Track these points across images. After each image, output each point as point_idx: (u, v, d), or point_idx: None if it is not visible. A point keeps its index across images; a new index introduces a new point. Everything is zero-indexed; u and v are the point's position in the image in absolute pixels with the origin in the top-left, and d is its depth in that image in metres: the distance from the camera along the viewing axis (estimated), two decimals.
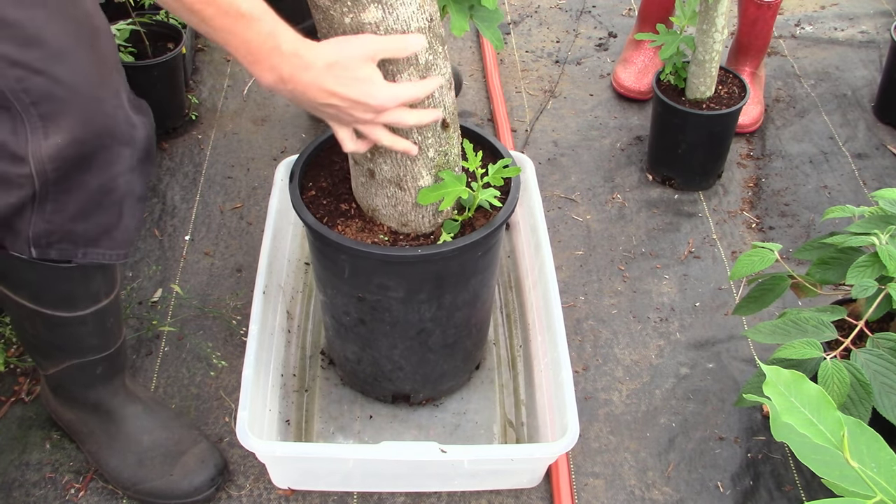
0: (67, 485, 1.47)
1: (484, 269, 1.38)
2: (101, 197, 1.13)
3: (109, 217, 1.16)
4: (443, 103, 1.21)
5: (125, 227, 1.19)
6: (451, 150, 1.28)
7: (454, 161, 1.30)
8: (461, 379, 1.59)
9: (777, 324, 1.33)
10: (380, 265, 1.28)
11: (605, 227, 1.98)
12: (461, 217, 1.34)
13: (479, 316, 1.49)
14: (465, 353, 1.52)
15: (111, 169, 1.12)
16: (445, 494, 1.46)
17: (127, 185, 1.16)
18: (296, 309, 1.72)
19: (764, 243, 1.44)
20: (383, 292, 1.32)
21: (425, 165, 1.25)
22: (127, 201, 1.17)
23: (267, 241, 1.60)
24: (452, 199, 1.25)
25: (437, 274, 1.31)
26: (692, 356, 1.70)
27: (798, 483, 1.49)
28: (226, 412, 1.58)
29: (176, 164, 2.12)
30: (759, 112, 2.25)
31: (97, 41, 1.07)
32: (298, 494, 1.46)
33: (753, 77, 2.28)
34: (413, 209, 1.29)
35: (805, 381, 0.84)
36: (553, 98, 2.38)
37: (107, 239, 1.18)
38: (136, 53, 1.97)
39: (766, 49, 2.27)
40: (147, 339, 1.71)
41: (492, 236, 1.30)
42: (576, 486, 1.48)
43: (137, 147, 1.15)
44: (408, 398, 1.56)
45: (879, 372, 1.22)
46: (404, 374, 1.49)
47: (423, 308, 1.35)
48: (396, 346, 1.42)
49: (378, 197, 1.30)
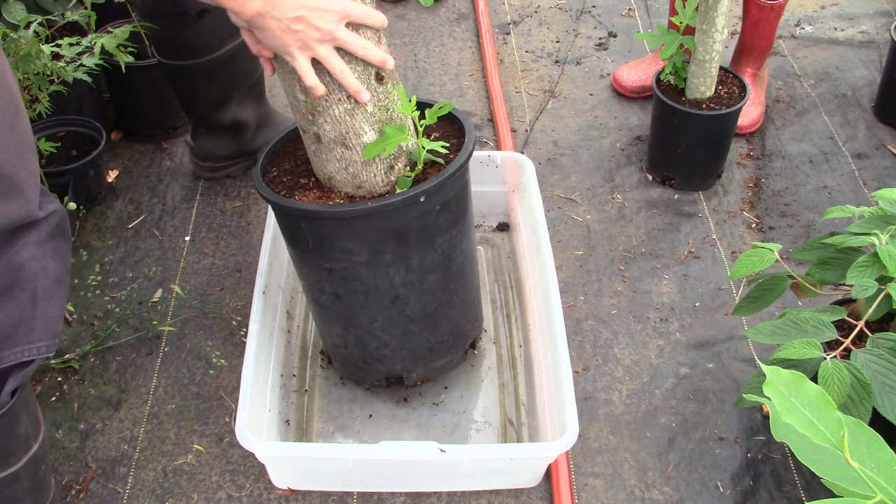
0: (68, 486, 1.47)
1: (449, 227, 1.37)
2: (5, 283, 1.02)
3: (21, 306, 1.04)
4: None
5: (44, 315, 1.06)
6: (392, 104, 1.30)
7: (398, 119, 1.32)
8: (454, 356, 1.56)
9: (777, 324, 1.33)
10: (337, 225, 1.29)
11: (605, 227, 1.98)
12: (413, 173, 1.35)
13: (458, 282, 1.46)
14: (450, 326, 1.50)
15: (14, 250, 1.01)
16: (445, 494, 1.46)
17: (37, 266, 1.04)
18: (296, 309, 1.72)
19: (764, 243, 1.44)
20: (348, 257, 1.33)
21: (366, 121, 1.27)
22: (40, 284, 1.05)
23: (267, 241, 1.60)
24: (393, 146, 1.27)
25: (397, 231, 1.31)
26: (692, 356, 1.70)
27: (798, 483, 1.49)
28: (226, 412, 1.58)
29: (176, 164, 2.12)
30: (760, 113, 2.25)
31: (17, 121, 1.00)
32: (298, 494, 1.46)
33: (755, 78, 2.28)
34: (364, 169, 1.31)
35: (805, 381, 0.84)
36: (553, 98, 2.38)
37: (24, 332, 1.05)
38: (136, 53, 1.98)
39: (768, 51, 2.26)
40: (147, 339, 1.71)
41: (444, 185, 1.30)
42: (576, 486, 1.48)
43: (48, 222, 1.05)
44: (402, 380, 1.53)
45: (879, 372, 1.22)
46: (391, 352, 1.48)
47: (391, 271, 1.35)
48: (375, 318, 1.42)
49: (329, 162, 1.32)
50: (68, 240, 1.10)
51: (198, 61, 1.82)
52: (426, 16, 2.74)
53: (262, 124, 2.04)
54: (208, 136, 2.01)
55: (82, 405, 1.60)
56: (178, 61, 1.84)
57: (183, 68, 1.85)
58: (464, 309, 1.52)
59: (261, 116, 2.03)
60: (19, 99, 1.02)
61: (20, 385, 1.10)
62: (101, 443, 1.54)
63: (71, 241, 1.13)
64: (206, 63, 1.82)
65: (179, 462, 1.51)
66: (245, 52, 1.88)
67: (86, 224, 1.97)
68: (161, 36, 1.80)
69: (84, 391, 1.62)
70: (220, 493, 1.46)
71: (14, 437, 1.12)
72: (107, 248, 1.91)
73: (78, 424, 1.57)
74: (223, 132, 2.00)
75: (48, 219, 1.06)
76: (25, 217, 1.02)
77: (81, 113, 2.05)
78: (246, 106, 1.98)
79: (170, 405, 1.60)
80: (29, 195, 1.02)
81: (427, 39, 2.63)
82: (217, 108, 1.93)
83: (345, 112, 1.25)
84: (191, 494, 1.46)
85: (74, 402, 1.60)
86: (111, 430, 1.56)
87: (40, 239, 1.05)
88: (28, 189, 1.01)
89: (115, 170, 2.11)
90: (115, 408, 1.60)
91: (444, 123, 1.44)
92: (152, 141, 2.20)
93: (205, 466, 1.50)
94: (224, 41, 1.81)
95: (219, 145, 2.02)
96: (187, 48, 1.79)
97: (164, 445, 1.54)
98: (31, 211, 1.02)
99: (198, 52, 1.80)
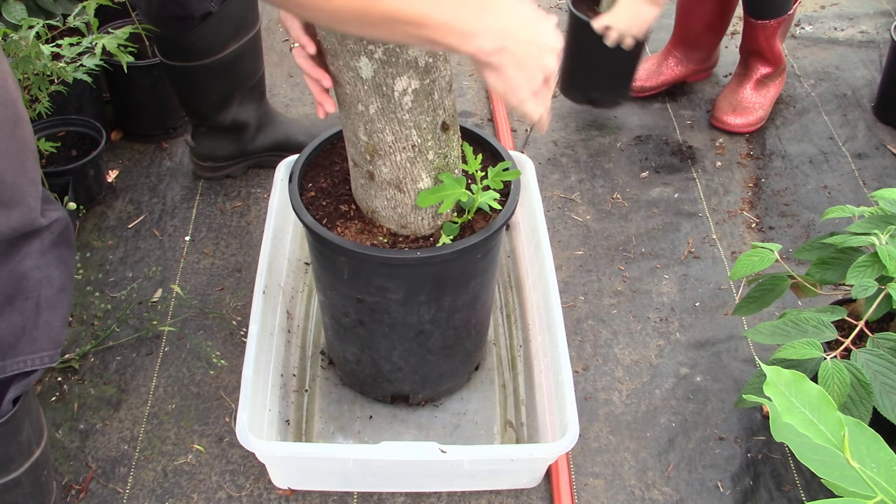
0: (68, 486, 1.47)
1: (483, 272, 1.38)
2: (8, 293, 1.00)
3: (23, 315, 1.03)
4: (442, 105, 1.21)
5: (46, 324, 1.04)
6: (451, 152, 1.28)
7: (454, 163, 1.30)
8: (460, 380, 1.59)
9: (777, 324, 1.33)
10: (379, 267, 1.28)
11: (605, 227, 1.98)
12: (461, 219, 1.34)
13: (478, 317, 1.49)
14: (464, 354, 1.52)
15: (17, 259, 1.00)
16: (445, 494, 1.46)
17: (40, 276, 1.03)
18: (296, 309, 1.72)
19: (764, 243, 1.44)
20: (382, 294, 1.32)
21: (424, 168, 1.25)
22: (44, 294, 1.04)
23: (267, 241, 1.60)
24: (451, 202, 1.25)
25: (437, 276, 1.31)
26: (692, 356, 1.70)
27: (798, 483, 1.49)
28: (226, 412, 1.58)
29: (176, 164, 2.12)
30: (758, 118, 2.25)
31: (18, 128, 0.99)
32: (298, 494, 1.46)
33: (758, 83, 2.27)
34: (412, 211, 1.29)
35: (806, 382, 0.84)
36: (553, 98, 2.38)
37: (27, 341, 1.03)
38: (136, 53, 1.98)
39: (771, 62, 2.24)
40: (147, 339, 1.71)
41: (491, 239, 1.29)
42: (576, 486, 1.48)
43: (51, 230, 1.04)
44: (407, 399, 1.56)
45: (880, 372, 1.22)
46: (403, 375, 1.49)
47: (423, 310, 1.35)
48: (395, 347, 1.42)
49: (377, 199, 1.29)
50: (72, 248, 1.09)
51: (200, 63, 1.82)
52: None
53: (263, 125, 2.04)
54: (209, 136, 2.01)
55: (82, 405, 1.60)
56: (180, 62, 1.84)
57: (185, 69, 1.85)
58: (479, 339, 1.55)
59: (261, 117, 2.03)
60: (21, 105, 1.00)
61: (22, 393, 1.09)
62: (101, 443, 1.54)
63: (75, 249, 1.12)
64: (209, 65, 1.82)
65: (179, 462, 1.51)
66: (247, 54, 1.88)
67: (86, 224, 1.97)
68: (164, 38, 1.80)
69: (84, 391, 1.62)
70: (220, 493, 1.46)
71: (16, 443, 1.12)
72: (107, 248, 1.91)
73: (78, 424, 1.57)
74: (224, 132, 2.00)
75: (51, 227, 1.04)
76: (28, 226, 1.00)
77: (81, 113, 2.05)
78: (247, 107, 1.98)
79: (170, 405, 1.60)
80: (31, 203, 1.00)
81: None
82: (218, 109, 1.93)
83: (406, 159, 1.22)
84: (191, 494, 1.46)
85: (74, 402, 1.60)
86: (111, 430, 1.56)
87: (43, 248, 1.03)
88: (30, 197, 1.00)
89: (115, 170, 2.11)
90: (115, 408, 1.60)
91: (485, 154, 1.42)
92: (152, 141, 2.20)
93: (205, 466, 1.50)
94: (227, 44, 1.81)
95: (219, 145, 2.02)
96: (190, 50, 1.80)
97: (164, 445, 1.54)
98: (34, 219, 1.01)
99: (201, 54, 1.80)
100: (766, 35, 2.15)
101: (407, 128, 1.19)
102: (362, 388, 1.57)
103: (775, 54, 2.21)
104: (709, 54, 2.37)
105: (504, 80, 0.96)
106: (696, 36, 2.30)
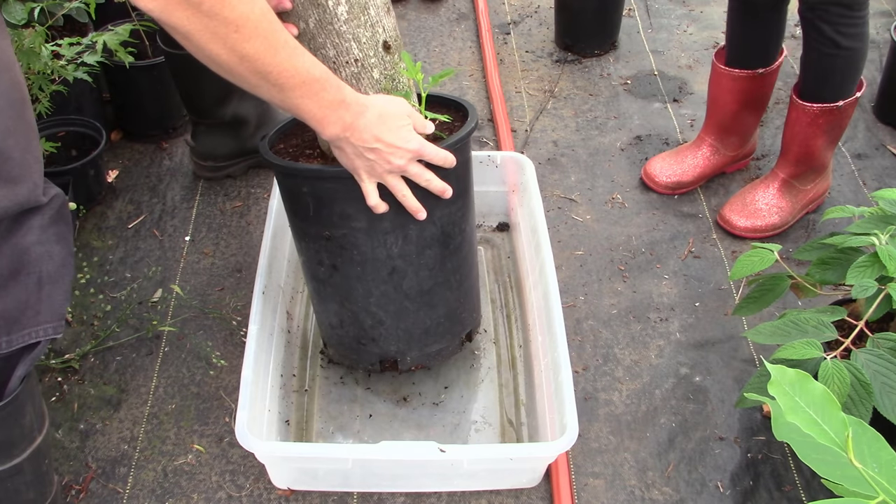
0: (68, 486, 1.46)
1: (448, 203, 1.36)
2: (12, 268, 1.04)
3: (27, 290, 1.06)
4: (381, 24, 1.26)
5: (49, 298, 1.08)
6: (399, 77, 1.32)
7: (403, 87, 1.33)
8: (449, 343, 1.54)
9: (777, 324, 1.33)
10: (338, 188, 1.30)
11: (605, 227, 1.98)
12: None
13: (455, 262, 1.45)
14: (447, 309, 1.49)
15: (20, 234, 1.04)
16: (445, 494, 1.46)
17: (42, 250, 1.06)
18: (295, 309, 1.72)
19: (764, 243, 1.45)
20: (346, 223, 1.33)
21: (371, 86, 1.28)
22: (45, 268, 1.07)
23: (267, 241, 1.60)
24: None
25: (396, 199, 1.32)
26: (692, 356, 1.70)
27: (798, 483, 1.49)
28: (226, 412, 1.58)
29: (176, 164, 2.12)
30: (769, 224, 1.93)
31: (25, 110, 1.03)
32: (298, 494, 1.46)
33: (784, 184, 1.94)
34: None
35: (810, 381, 0.84)
36: (553, 98, 2.38)
37: (31, 314, 1.06)
38: (136, 53, 1.97)
39: (811, 164, 1.89)
40: (147, 339, 1.71)
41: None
42: (576, 486, 1.48)
43: (51, 207, 1.07)
44: (396, 364, 1.52)
45: (880, 372, 1.22)
46: (385, 331, 1.47)
47: (389, 240, 1.35)
48: (372, 292, 1.42)
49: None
50: (69, 224, 1.12)
51: None
52: (426, 16, 2.74)
53: (262, 122, 2.04)
54: (208, 134, 2.01)
55: (82, 405, 1.60)
56: (182, 50, 1.84)
57: (186, 58, 1.84)
58: (461, 294, 1.51)
59: (261, 114, 2.03)
60: (26, 89, 1.05)
61: (29, 371, 1.12)
62: (101, 443, 1.54)
63: (72, 226, 1.15)
64: None
65: (179, 462, 1.51)
66: None
67: (86, 224, 1.97)
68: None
69: (84, 391, 1.62)
70: (220, 493, 1.46)
71: (19, 426, 1.14)
72: (107, 248, 1.91)
73: (78, 424, 1.57)
74: (223, 130, 2.00)
75: (51, 203, 1.07)
76: (32, 202, 1.04)
77: (81, 113, 2.05)
78: (247, 102, 1.98)
79: (170, 405, 1.60)
80: (36, 180, 1.04)
81: (427, 39, 2.63)
82: (218, 103, 1.93)
83: (351, 75, 1.27)
84: (191, 494, 1.46)
85: (74, 402, 1.60)
86: (111, 430, 1.56)
87: (44, 223, 1.07)
88: (35, 174, 1.04)
89: (115, 170, 2.11)
90: (115, 408, 1.59)
91: (449, 110, 1.45)
92: (152, 141, 2.20)
93: (205, 466, 1.50)
94: None
95: (219, 144, 2.02)
96: None
97: (164, 445, 1.53)
98: (38, 195, 1.05)
99: None
100: (813, 122, 1.81)
101: (346, 40, 1.24)
102: (351, 359, 1.55)
103: (812, 148, 1.84)
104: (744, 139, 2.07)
105: (345, 160, 1.23)
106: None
